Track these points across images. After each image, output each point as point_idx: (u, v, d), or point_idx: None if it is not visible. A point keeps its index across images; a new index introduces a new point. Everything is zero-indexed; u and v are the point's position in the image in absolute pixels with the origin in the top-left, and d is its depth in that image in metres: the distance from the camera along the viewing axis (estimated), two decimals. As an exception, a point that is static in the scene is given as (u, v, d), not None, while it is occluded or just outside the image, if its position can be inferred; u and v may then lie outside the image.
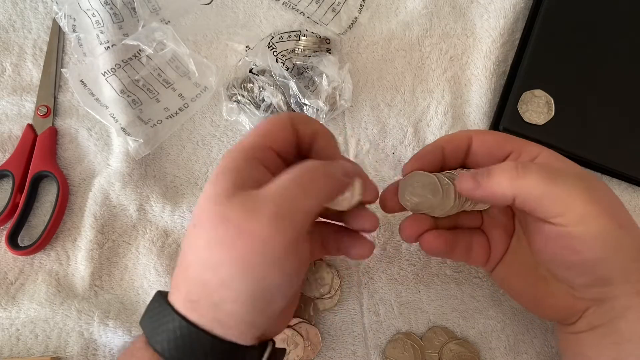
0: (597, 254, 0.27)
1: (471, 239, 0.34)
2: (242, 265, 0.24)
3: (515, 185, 0.28)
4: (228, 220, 0.25)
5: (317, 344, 0.37)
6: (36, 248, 0.39)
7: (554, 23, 0.44)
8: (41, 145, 0.41)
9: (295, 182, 0.26)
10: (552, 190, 0.27)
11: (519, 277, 0.33)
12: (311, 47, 0.43)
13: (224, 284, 0.25)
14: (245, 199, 0.25)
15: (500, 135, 0.33)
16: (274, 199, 0.25)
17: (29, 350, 0.37)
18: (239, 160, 0.27)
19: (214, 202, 0.25)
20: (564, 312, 0.31)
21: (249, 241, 0.24)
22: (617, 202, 0.29)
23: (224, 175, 0.26)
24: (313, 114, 0.41)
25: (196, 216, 0.26)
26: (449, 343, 0.38)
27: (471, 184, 0.29)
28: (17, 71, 0.44)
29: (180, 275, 0.27)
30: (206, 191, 0.27)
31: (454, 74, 0.46)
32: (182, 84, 0.44)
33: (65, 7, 0.43)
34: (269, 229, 0.24)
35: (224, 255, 0.24)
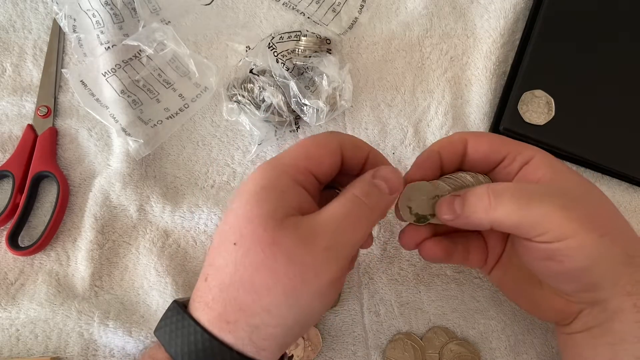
0: (578, 265, 0.28)
1: (469, 243, 0.35)
2: (289, 293, 0.24)
3: (490, 217, 0.28)
4: (279, 247, 0.24)
5: (317, 344, 0.37)
6: (36, 248, 0.39)
7: (554, 23, 0.44)
8: (41, 146, 0.41)
9: (348, 217, 0.26)
10: (526, 216, 0.28)
11: (515, 280, 0.34)
12: (311, 48, 0.43)
13: (267, 310, 0.24)
14: (298, 226, 0.25)
15: (495, 137, 0.33)
16: (327, 231, 0.25)
17: (29, 351, 0.37)
18: (282, 180, 0.26)
19: (262, 226, 0.25)
20: (560, 313, 0.32)
21: (300, 271, 0.24)
22: (602, 210, 0.30)
23: (267, 195, 0.26)
24: (313, 114, 0.41)
25: (237, 234, 0.25)
26: (450, 343, 0.38)
27: (448, 215, 0.30)
28: (17, 71, 0.44)
29: (210, 293, 0.26)
30: (245, 208, 0.26)
31: (455, 74, 0.46)
32: (182, 84, 0.44)
33: (65, 7, 0.43)
34: (321, 261, 0.25)
35: (271, 282, 0.24)
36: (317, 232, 0.25)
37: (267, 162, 0.28)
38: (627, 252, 0.28)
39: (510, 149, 0.32)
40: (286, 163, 0.27)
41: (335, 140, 0.29)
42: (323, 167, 0.28)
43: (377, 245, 0.41)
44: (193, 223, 0.41)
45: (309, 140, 0.29)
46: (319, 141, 0.28)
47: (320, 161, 0.28)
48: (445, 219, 0.31)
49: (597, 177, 0.44)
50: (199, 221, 0.40)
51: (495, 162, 0.32)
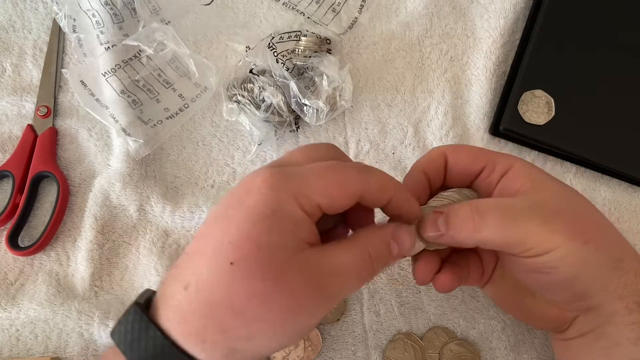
0: (565, 275, 0.28)
1: (468, 262, 0.34)
2: (278, 328, 0.24)
3: (475, 237, 0.28)
4: (283, 282, 0.23)
5: (317, 344, 0.37)
6: (36, 248, 0.39)
7: (554, 23, 0.44)
8: (41, 146, 0.41)
9: (356, 273, 0.26)
10: (511, 235, 0.27)
11: (508, 292, 0.34)
12: (311, 48, 0.43)
13: (249, 337, 0.24)
14: (307, 266, 0.24)
15: (473, 149, 0.32)
16: (336, 282, 0.25)
17: (29, 351, 0.37)
18: (294, 209, 0.24)
19: (271, 256, 0.23)
20: (554, 322, 0.32)
21: (298, 310, 0.24)
22: (583, 217, 0.29)
23: (279, 224, 0.24)
24: (313, 114, 0.41)
25: (237, 254, 0.23)
26: (450, 343, 0.38)
27: (434, 234, 0.29)
28: (17, 71, 0.44)
29: (190, 305, 0.24)
30: (253, 230, 0.23)
31: (454, 74, 0.46)
32: (182, 84, 0.44)
33: (65, 7, 0.43)
34: (319, 307, 0.25)
35: (264, 313, 0.23)
36: (326, 279, 0.24)
37: (278, 176, 0.25)
38: (613, 255, 0.28)
39: (488, 158, 0.31)
40: (300, 192, 0.24)
41: (361, 184, 0.26)
42: (334, 207, 0.25)
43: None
44: (193, 223, 0.41)
45: (333, 174, 0.25)
46: (342, 182, 0.25)
47: (335, 202, 0.25)
48: (429, 237, 0.29)
49: (597, 177, 0.44)
50: (199, 221, 0.40)
51: (475, 172, 0.32)
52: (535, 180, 0.30)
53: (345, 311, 0.39)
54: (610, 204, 0.43)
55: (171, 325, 0.24)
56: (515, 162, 0.31)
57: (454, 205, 0.30)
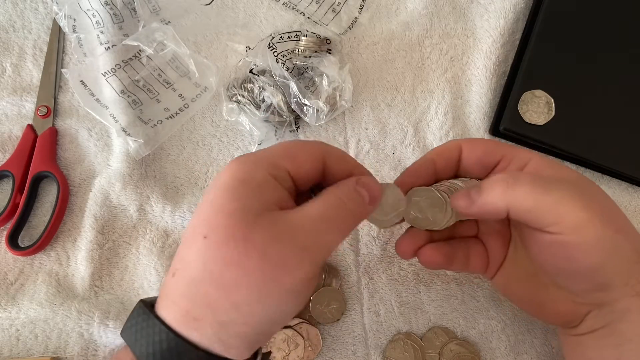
0: (593, 261, 0.27)
1: (468, 249, 0.34)
2: (261, 291, 0.24)
3: (507, 199, 0.28)
4: (252, 243, 0.24)
5: (317, 344, 0.37)
6: (36, 248, 0.39)
7: (554, 23, 0.44)
8: (41, 146, 0.41)
9: (329, 218, 0.26)
10: (544, 201, 0.27)
11: (519, 284, 0.33)
12: (311, 48, 0.43)
13: (236, 306, 0.24)
14: (274, 222, 0.24)
15: (490, 142, 0.33)
16: (305, 231, 0.25)
17: (28, 351, 0.37)
18: (258, 173, 0.25)
19: (236, 219, 0.24)
20: (566, 316, 0.31)
21: (272, 268, 0.24)
22: (613, 207, 0.29)
23: (244, 189, 0.25)
24: (313, 114, 0.41)
25: (208, 227, 0.24)
26: (450, 343, 0.38)
27: (465, 202, 0.29)
28: (17, 71, 0.44)
29: (178, 289, 0.25)
30: (220, 201, 0.24)
31: (454, 74, 0.46)
32: (182, 84, 0.44)
33: (65, 7, 0.43)
34: (295, 260, 0.24)
35: (242, 278, 0.23)
36: (294, 231, 0.24)
37: (243, 155, 0.27)
38: (638, 249, 0.28)
39: (505, 151, 0.32)
40: (264, 157, 0.26)
41: (320, 148, 0.28)
42: (301, 171, 0.27)
43: (377, 245, 0.41)
44: (193, 223, 0.41)
45: (292, 142, 0.28)
46: (302, 145, 0.28)
47: (299, 163, 0.27)
48: (460, 206, 0.30)
49: (597, 177, 0.44)
50: (199, 221, 0.40)
51: (490, 165, 0.32)
52: (562, 171, 0.30)
53: (345, 311, 0.39)
54: (610, 204, 0.43)
55: (167, 313, 0.25)
56: (534, 156, 0.31)
57: (488, 178, 0.30)
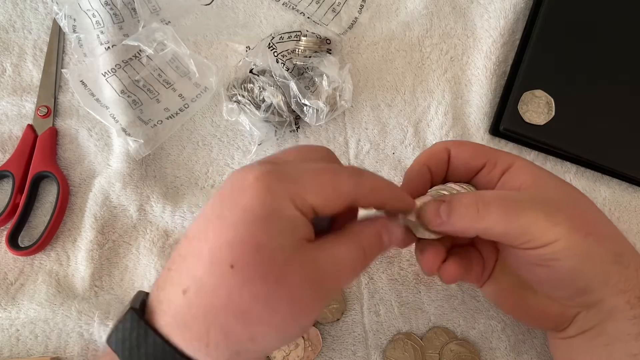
0: (567, 267, 0.28)
1: (470, 256, 0.34)
2: (280, 328, 0.24)
3: (477, 226, 0.28)
4: (285, 285, 0.23)
5: (317, 344, 0.37)
6: (36, 248, 0.39)
7: (554, 23, 0.44)
8: (41, 146, 0.41)
9: (352, 266, 0.26)
10: (513, 225, 0.28)
11: (508, 291, 0.34)
12: (311, 48, 0.43)
13: (253, 338, 0.24)
14: (306, 265, 0.24)
15: (475, 145, 0.33)
16: (334, 277, 0.25)
17: (28, 351, 0.37)
18: (290, 209, 0.24)
19: (270, 258, 0.23)
20: (556, 320, 0.32)
21: (299, 309, 0.24)
22: (584, 212, 0.30)
23: (276, 225, 0.23)
24: (313, 114, 0.41)
25: (236, 257, 0.23)
26: (450, 343, 0.38)
27: (437, 220, 0.29)
28: (17, 71, 0.44)
29: (191, 311, 0.23)
30: (250, 232, 0.23)
31: (455, 74, 0.46)
32: (182, 84, 0.44)
33: (65, 7, 0.43)
34: (320, 303, 0.25)
35: (267, 317, 0.23)
36: (323, 276, 0.25)
37: (272, 175, 0.24)
38: (614, 250, 0.28)
39: (489, 155, 0.32)
40: (295, 192, 0.24)
41: (354, 187, 0.26)
42: (327, 210, 0.25)
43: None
44: (193, 223, 0.41)
45: (327, 175, 0.25)
46: (336, 184, 0.25)
47: (329, 204, 0.25)
48: (433, 224, 0.29)
49: (597, 177, 0.44)
50: (199, 221, 0.40)
51: (476, 168, 0.32)
52: (537, 177, 0.31)
53: (345, 311, 0.39)
54: (610, 204, 0.43)
55: (171, 330, 0.23)
56: (516, 160, 0.32)
57: (457, 194, 0.30)
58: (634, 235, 0.42)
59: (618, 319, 0.28)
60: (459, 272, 0.32)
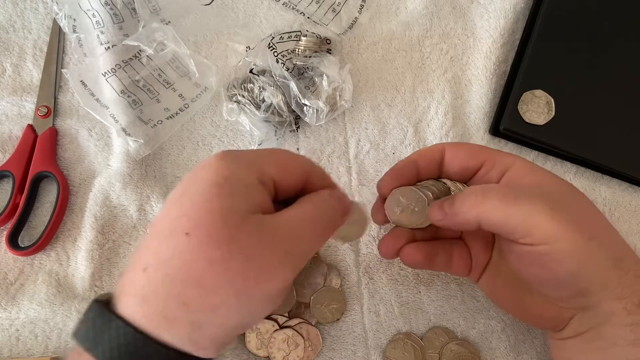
0: (567, 269, 0.28)
1: (451, 250, 0.35)
2: (240, 294, 0.23)
3: (477, 213, 0.28)
4: (238, 245, 0.23)
5: (317, 344, 0.37)
6: (36, 248, 0.39)
7: (554, 23, 0.44)
8: (41, 146, 0.41)
9: (311, 224, 0.26)
10: (513, 214, 0.27)
11: (504, 288, 0.34)
12: (311, 48, 0.43)
13: (213, 308, 0.23)
14: (260, 226, 0.24)
15: (473, 146, 0.33)
16: (291, 236, 0.25)
17: (28, 351, 0.37)
18: (247, 175, 0.25)
19: (222, 219, 0.23)
20: (551, 320, 0.32)
21: (256, 272, 0.23)
22: (588, 214, 0.30)
23: (230, 188, 0.24)
24: (313, 114, 0.41)
25: (191, 224, 0.23)
26: (450, 343, 0.38)
27: (439, 215, 0.30)
28: (17, 71, 0.44)
29: (150, 286, 0.23)
30: (204, 197, 0.24)
31: (455, 74, 0.46)
32: (182, 84, 0.44)
33: (65, 7, 0.43)
34: (279, 266, 0.24)
35: (224, 280, 0.23)
36: (280, 235, 0.24)
37: (229, 152, 0.26)
38: (614, 255, 0.28)
39: (487, 156, 0.32)
40: (251, 160, 0.26)
41: (306, 164, 0.28)
42: (286, 182, 0.27)
43: (377, 245, 0.41)
44: (193, 223, 0.41)
45: (282, 152, 0.28)
46: (293, 157, 0.28)
47: (286, 174, 0.27)
48: (436, 220, 0.31)
49: (597, 177, 0.44)
50: (199, 221, 0.40)
51: (473, 169, 0.32)
52: (539, 177, 0.31)
53: (345, 311, 0.39)
54: (610, 204, 0.43)
55: (132, 311, 0.23)
56: (517, 160, 0.31)
57: (459, 192, 0.30)
58: (634, 235, 0.42)
59: (615, 324, 0.28)
60: (418, 258, 0.33)
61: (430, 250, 0.33)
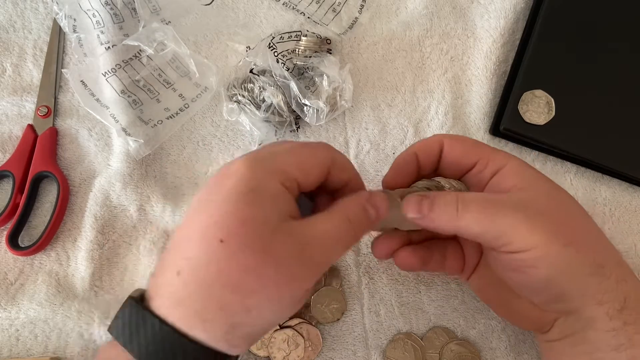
0: (543, 275, 0.28)
1: (445, 250, 0.35)
2: (272, 298, 0.25)
3: (455, 224, 0.29)
4: (271, 255, 0.24)
5: (317, 344, 0.37)
6: (36, 248, 0.39)
7: (554, 23, 0.44)
8: (41, 146, 0.41)
9: (339, 238, 0.27)
10: (490, 227, 0.28)
11: (491, 288, 0.34)
12: (312, 48, 0.43)
13: (247, 310, 0.24)
14: (291, 235, 0.25)
15: (469, 142, 0.33)
16: (317, 247, 0.26)
17: (28, 351, 0.37)
18: (272, 184, 0.26)
19: (255, 230, 0.24)
20: (536, 322, 0.32)
21: (288, 280, 0.25)
22: (568, 219, 0.29)
23: (259, 199, 0.25)
24: (313, 114, 0.41)
25: (225, 232, 0.24)
26: (450, 343, 0.38)
27: (414, 212, 0.30)
28: (17, 71, 0.44)
29: (186, 289, 0.24)
30: (236, 207, 0.24)
31: (455, 74, 0.46)
32: (182, 84, 0.44)
33: (65, 7, 0.43)
34: (306, 274, 0.25)
35: (259, 287, 0.24)
36: (310, 247, 0.25)
37: (254, 158, 0.26)
38: (595, 261, 0.28)
39: (481, 154, 0.32)
40: (276, 167, 0.26)
41: (329, 155, 0.28)
42: (309, 179, 0.27)
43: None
44: (193, 223, 0.41)
45: (303, 148, 0.28)
46: (313, 152, 0.28)
47: (310, 172, 0.27)
48: (411, 217, 0.30)
49: (597, 177, 0.44)
50: (199, 221, 0.40)
51: (467, 166, 0.32)
52: (527, 180, 0.30)
53: (345, 311, 0.39)
54: (610, 204, 0.43)
55: (168, 312, 0.24)
56: (510, 160, 0.31)
57: (440, 192, 0.30)
58: (634, 236, 0.42)
59: (597, 329, 0.28)
60: (412, 261, 0.33)
61: (425, 253, 0.34)
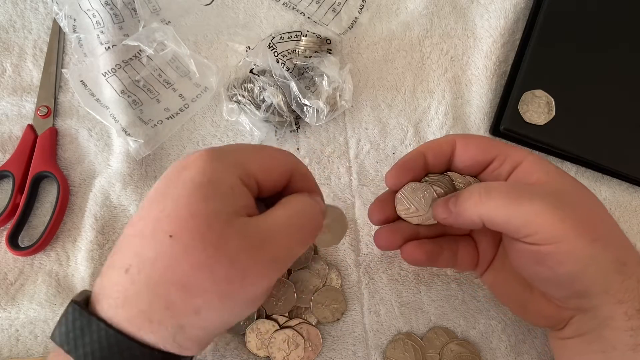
0: (569, 270, 0.27)
1: (457, 246, 0.34)
2: (224, 298, 0.23)
3: (480, 211, 0.28)
4: (223, 249, 0.23)
5: (317, 344, 0.37)
6: (36, 249, 0.39)
7: (554, 23, 0.44)
8: (41, 146, 0.41)
9: (293, 227, 0.25)
10: (516, 214, 0.27)
11: (506, 284, 0.34)
12: (312, 48, 0.43)
13: (196, 311, 0.23)
14: (245, 230, 0.24)
15: (484, 139, 0.32)
16: (276, 241, 0.24)
17: (28, 351, 0.37)
18: (230, 177, 0.24)
19: (207, 224, 0.23)
20: (550, 319, 0.32)
21: (241, 277, 0.23)
22: (595, 215, 0.29)
23: (214, 191, 0.24)
24: (313, 114, 0.41)
25: (175, 226, 0.23)
26: (450, 343, 0.38)
27: (444, 213, 0.30)
28: (17, 71, 0.44)
29: (134, 287, 0.23)
30: (188, 200, 0.23)
31: (455, 74, 0.46)
32: (182, 84, 0.44)
33: (65, 7, 0.43)
34: (264, 271, 0.24)
35: (208, 284, 0.23)
36: (265, 240, 0.24)
37: (212, 151, 0.25)
38: (618, 259, 0.28)
39: (499, 150, 0.31)
40: (236, 161, 0.25)
41: (290, 161, 0.28)
42: (270, 180, 0.26)
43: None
44: (193, 223, 0.41)
45: (267, 149, 0.28)
46: (276, 154, 0.27)
47: (271, 173, 0.26)
48: (440, 219, 0.31)
49: (597, 177, 0.44)
50: (199, 221, 0.40)
51: (484, 164, 0.32)
52: (552, 174, 0.30)
53: (345, 311, 0.39)
54: (610, 204, 0.43)
55: (113, 313, 0.23)
56: (528, 155, 0.31)
57: (465, 188, 0.30)
58: (634, 236, 0.42)
59: (614, 328, 0.28)
60: (419, 255, 0.33)
61: (433, 248, 0.33)
